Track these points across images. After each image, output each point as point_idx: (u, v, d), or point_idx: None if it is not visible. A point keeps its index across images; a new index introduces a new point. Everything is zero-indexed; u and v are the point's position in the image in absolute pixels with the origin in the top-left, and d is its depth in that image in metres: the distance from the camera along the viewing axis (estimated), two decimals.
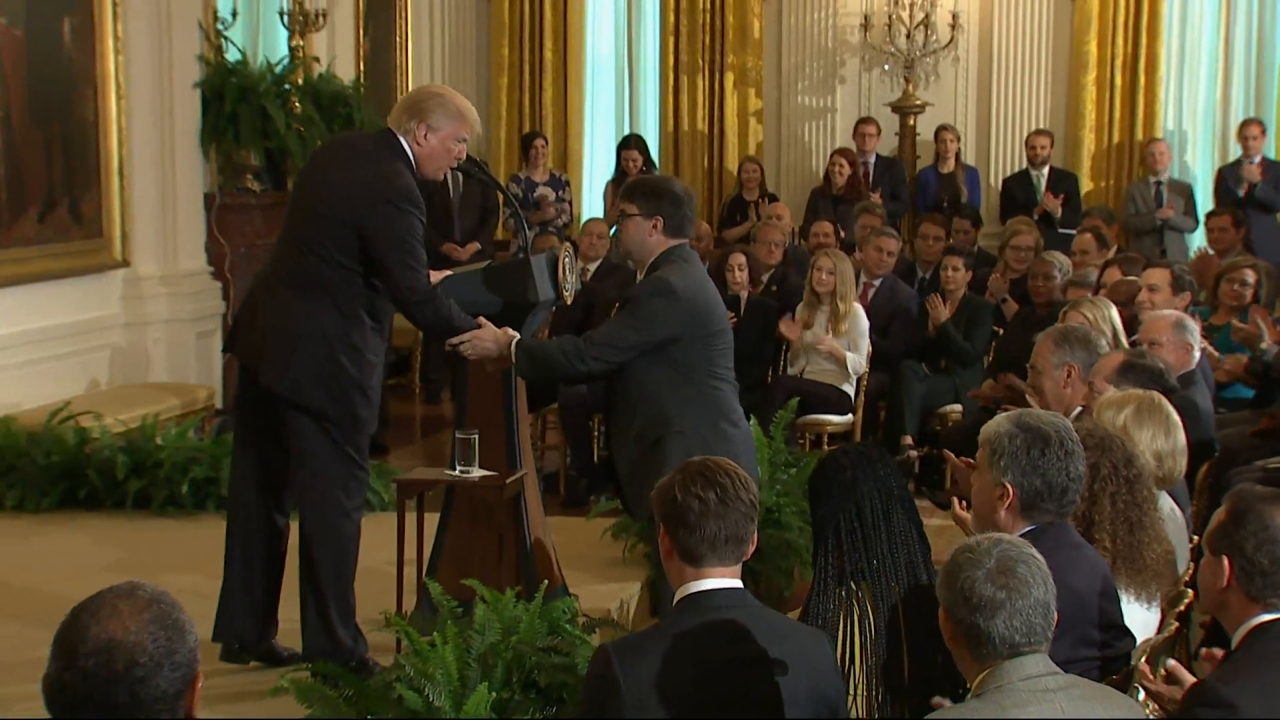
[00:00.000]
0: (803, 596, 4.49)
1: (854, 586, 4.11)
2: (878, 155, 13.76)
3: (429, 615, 5.74)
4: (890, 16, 14.42)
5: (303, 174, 6.23)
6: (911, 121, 14.41)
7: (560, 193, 13.11)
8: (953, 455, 5.22)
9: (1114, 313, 7.45)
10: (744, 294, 10.10)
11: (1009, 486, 4.18)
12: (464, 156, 6.10)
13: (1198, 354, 7.01)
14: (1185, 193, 13.46)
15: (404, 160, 5.90)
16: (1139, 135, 14.21)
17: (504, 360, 5.89)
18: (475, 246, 12.04)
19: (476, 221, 12.33)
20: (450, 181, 12.11)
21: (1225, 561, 3.73)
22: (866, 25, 14.52)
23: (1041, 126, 14.09)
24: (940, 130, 13.90)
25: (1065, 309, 7.71)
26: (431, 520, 6.39)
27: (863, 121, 13.92)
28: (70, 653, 2.67)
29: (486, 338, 5.88)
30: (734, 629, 3.67)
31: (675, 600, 3.76)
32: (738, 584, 3.76)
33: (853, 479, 4.21)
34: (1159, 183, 13.36)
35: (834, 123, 14.78)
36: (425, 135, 5.91)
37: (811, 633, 3.84)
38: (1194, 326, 7.09)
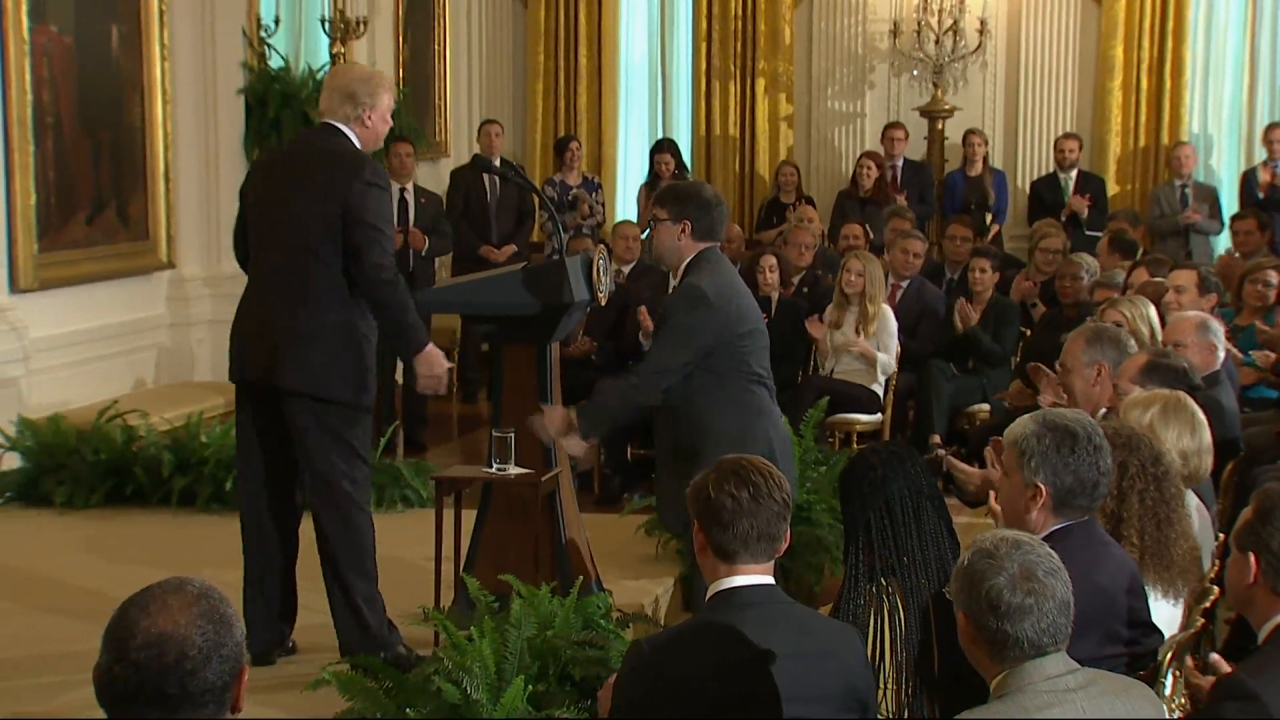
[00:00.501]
0: (833, 593, 4.48)
1: (884, 583, 4.08)
2: (905, 159, 13.83)
3: (466, 610, 5.84)
4: (919, 22, 14.52)
5: (261, 192, 6.30)
6: (940, 126, 14.48)
7: (594, 195, 13.20)
8: (955, 461, 5.19)
9: (1152, 311, 7.43)
10: (775, 295, 10.16)
11: (1042, 486, 4.14)
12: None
13: (1222, 354, 6.99)
14: (1210, 196, 13.48)
15: (355, 144, 6.20)
16: (1164, 139, 14.26)
17: (573, 431, 5.95)
18: (512, 248, 12.14)
19: (513, 224, 12.43)
20: (488, 185, 12.27)
21: (1252, 558, 3.74)
22: (896, 31, 14.62)
23: (1069, 130, 14.15)
24: (968, 134, 13.94)
25: (1103, 307, 7.72)
26: (469, 517, 6.48)
27: (891, 126, 13.99)
28: (121, 646, 2.68)
29: (553, 421, 5.96)
30: (765, 624, 3.68)
31: (708, 596, 3.77)
32: (769, 580, 3.77)
33: (883, 477, 4.19)
34: (1184, 186, 13.39)
35: (863, 127, 14.86)
36: (369, 116, 6.20)
37: (842, 628, 3.85)
38: (1218, 327, 7.04)
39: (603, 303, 6.79)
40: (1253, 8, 14.20)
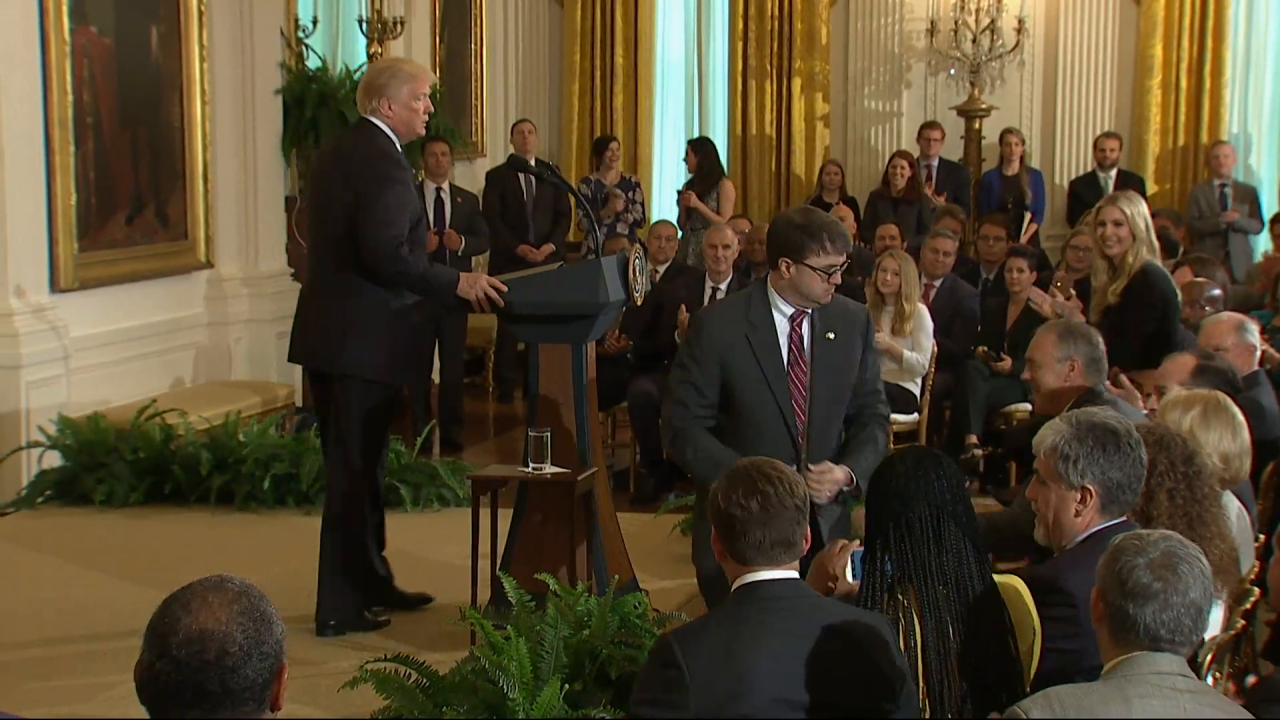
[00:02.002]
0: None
1: (900, 595, 4.00)
2: (941, 159, 13.81)
3: (503, 609, 5.83)
4: (956, 21, 14.50)
5: (307, 189, 6.84)
6: (977, 125, 14.45)
7: (631, 194, 13.22)
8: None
9: (1144, 207, 7.58)
10: None
11: (1091, 487, 4.13)
12: (430, 109, 6.71)
13: (1259, 355, 7.01)
14: (1250, 196, 13.43)
15: (383, 136, 6.53)
16: (1204, 138, 14.17)
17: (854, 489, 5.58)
18: (550, 248, 12.16)
19: (550, 223, 12.45)
20: (524, 184, 12.29)
21: None
22: (932, 30, 14.60)
23: (1108, 129, 14.10)
24: (1005, 133, 13.90)
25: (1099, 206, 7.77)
26: (505, 516, 6.48)
27: (928, 125, 13.95)
28: (162, 643, 2.70)
29: (838, 479, 5.51)
30: (788, 615, 3.68)
31: (732, 589, 3.77)
32: (793, 574, 3.77)
33: (905, 489, 4.07)
34: (1223, 185, 13.35)
35: (900, 127, 14.84)
36: (389, 107, 6.52)
37: (868, 616, 3.81)
38: (1254, 328, 7.07)
39: (638, 302, 6.81)
40: None
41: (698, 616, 4.14)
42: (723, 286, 9.75)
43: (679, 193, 13.26)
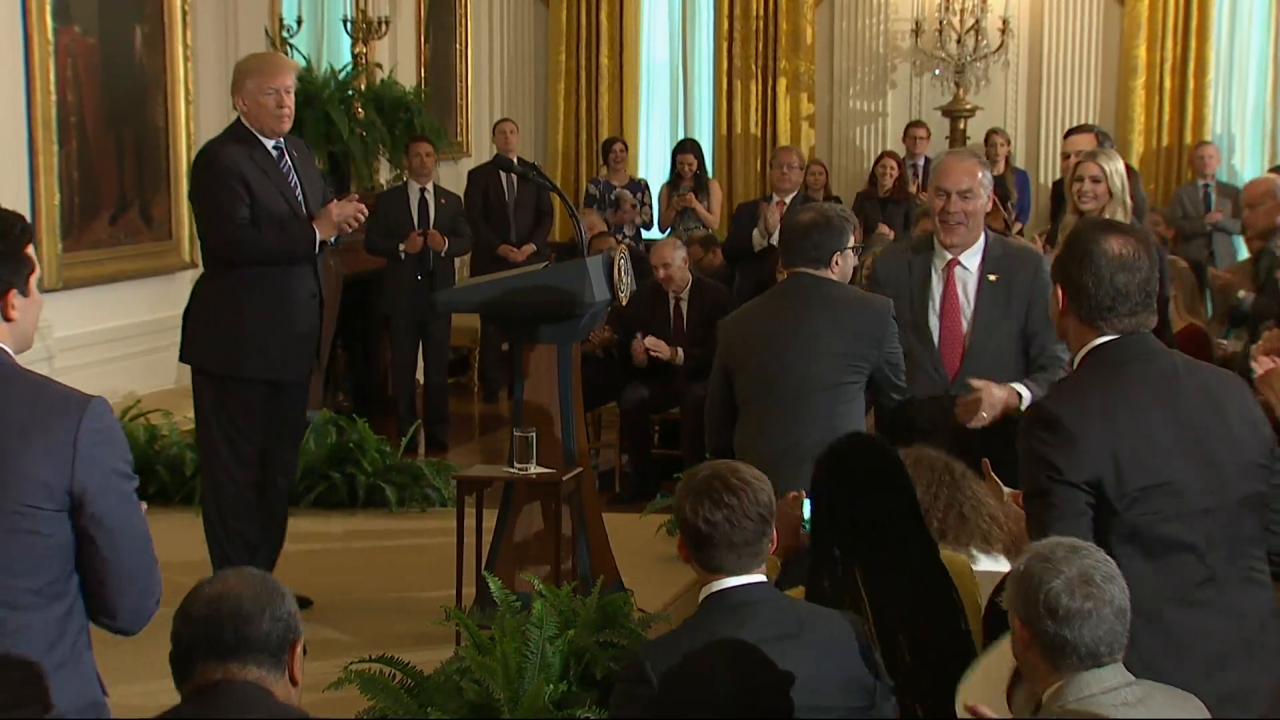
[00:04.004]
0: None
1: (841, 574, 4.02)
2: (927, 158, 13.83)
3: (488, 609, 5.83)
4: (941, 22, 14.52)
5: None
6: (962, 125, 14.48)
7: (639, 196, 13.22)
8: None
9: (1121, 166, 7.45)
10: None
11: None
12: (287, 104, 6.76)
13: None
14: (1234, 196, 13.43)
15: (236, 134, 6.73)
16: (1188, 139, 14.21)
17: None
18: (531, 248, 12.16)
19: (532, 223, 12.46)
20: (505, 184, 12.29)
21: (1059, 290, 3.83)
22: (917, 31, 14.62)
23: (1103, 131, 14.09)
24: (990, 134, 13.92)
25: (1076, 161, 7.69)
26: (490, 516, 6.50)
27: (913, 125, 14.00)
28: (186, 614, 2.95)
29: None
30: (759, 621, 3.66)
31: (700, 599, 3.74)
32: (761, 578, 3.73)
33: (852, 478, 4.10)
34: (1207, 186, 13.37)
35: (885, 127, 14.86)
36: (241, 103, 6.73)
37: (837, 616, 3.79)
38: None
39: (623, 302, 6.81)
40: (1277, 7, 14.16)
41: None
42: (684, 295, 9.80)
43: (664, 187, 13.28)
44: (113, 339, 9.51)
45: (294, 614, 2.99)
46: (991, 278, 5.72)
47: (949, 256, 5.74)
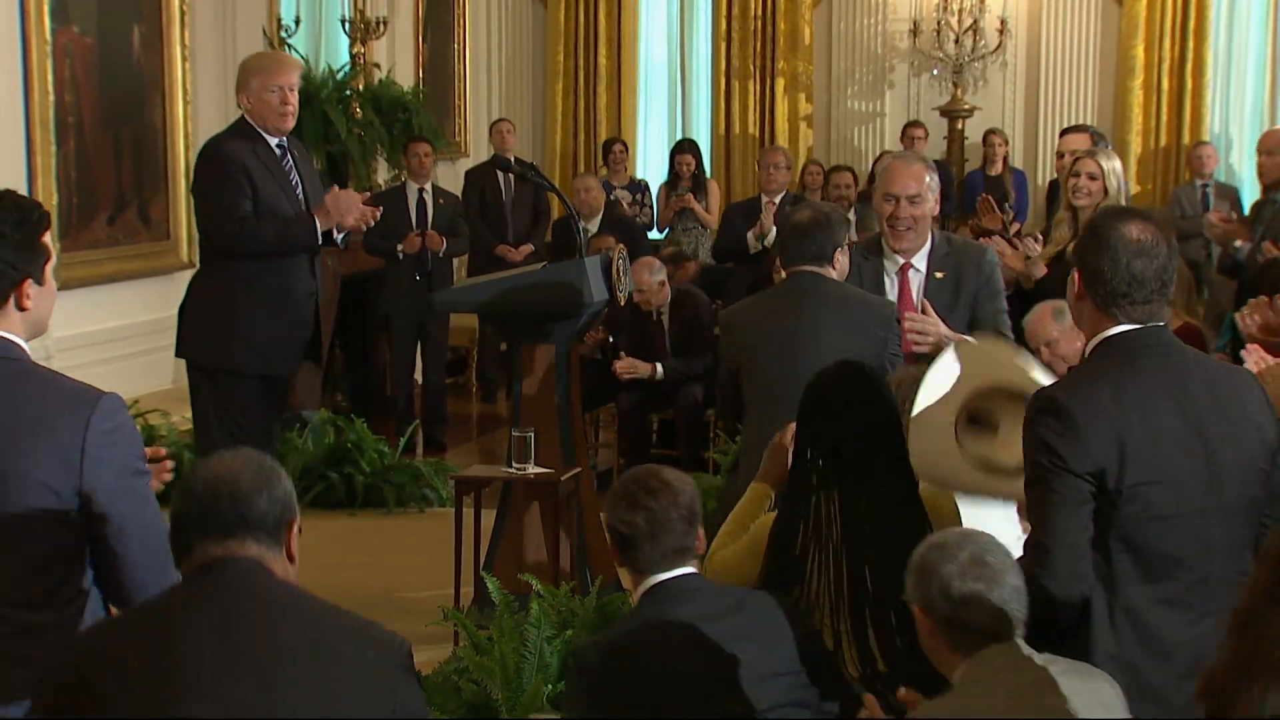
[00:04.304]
0: None
1: (819, 500, 4.06)
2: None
3: (486, 609, 5.85)
4: (939, 22, 14.52)
5: None
6: (960, 125, 14.48)
7: (639, 196, 13.22)
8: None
9: (1119, 165, 7.44)
10: None
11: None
12: (291, 102, 6.81)
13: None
14: (1232, 196, 13.43)
15: (240, 130, 6.80)
16: (1185, 139, 14.21)
17: None
18: (529, 248, 12.16)
19: (529, 223, 12.46)
20: (503, 184, 12.29)
21: (1076, 275, 3.84)
22: (915, 31, 14.62)
23: (1098, 131, 14.10)
24: (989, 134, 13.93)
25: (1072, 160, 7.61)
26: (488, 516, 6.50)
27: (911, 125, 13.97)
28: (185, 492, 2.98)
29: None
30: (696, 603, 3.74)
31: (637, 596, 3.82)
32: (691, 570, 3.80)
33: (836, 413, 4.13)
34: (1205, 186, 13.36)
35: (883, 127, 14.86)
36: (245, 101, 6.79)
37: (765, 598, 3.87)
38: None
39: (622, 302, 6.82)
40: (1275, 7, 14.15)
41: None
42: (665, 306, 9.83)
43: (662, 187, 13.28)
44: (111, 339, 9.51)
45: (290, 494, 3.04)
46: (939, 275, 5.78)
47: (901, 261, 5.82)
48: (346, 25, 11.74)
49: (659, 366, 9.51)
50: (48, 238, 3.50)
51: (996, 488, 4.33)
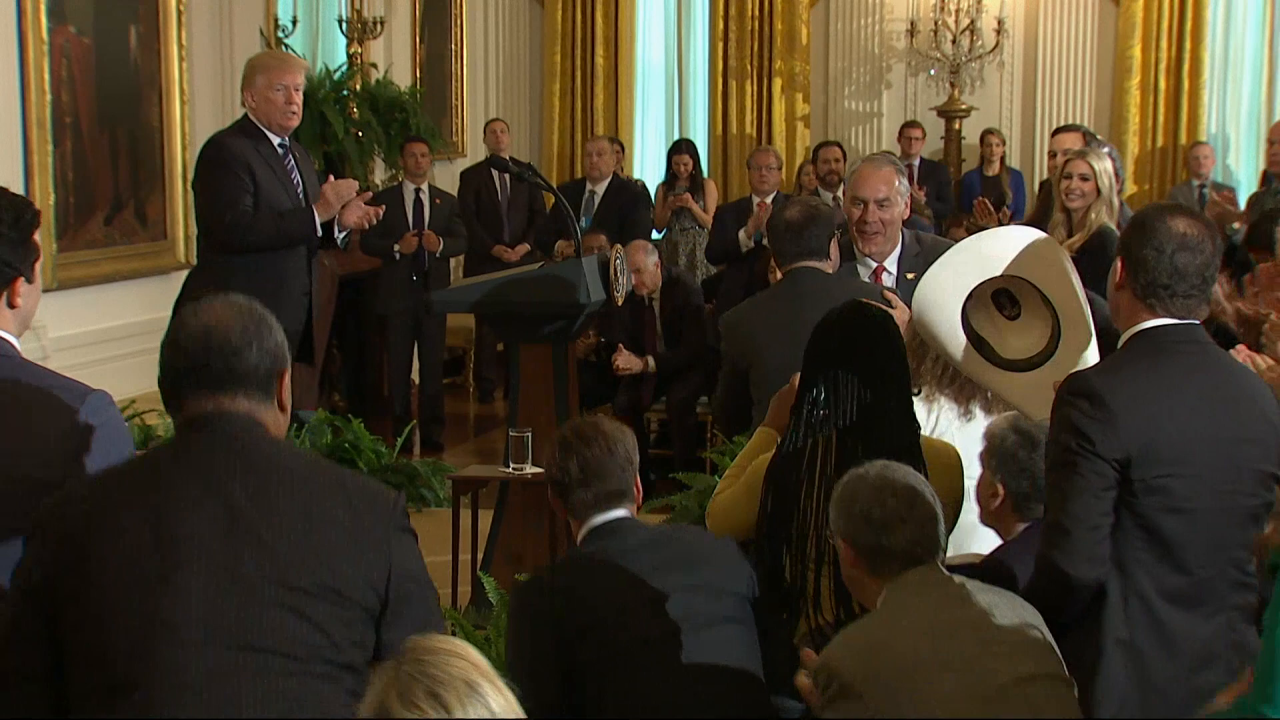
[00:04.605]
0: None
1: (817, 442, 4.11)
2: (922, 158, 13.85)
3: (483, 610, 5.87)
4: (936, 22, 14.53)
5: None
6: (957, 125, 14.49)
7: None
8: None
9: (1110, 165, 7.44)
10: None
11: (999, 486, 4.23)
12: (296, 102, 6.88)
13: None
14: (1229, 195, 13.46)
15: (244, 128, 6.86)
16: (1183, 139, 14.23)
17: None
18: (525, 248, 12.16)
19: (525, 223, 12.46)
20: (499, 184, 12.29)
21: (1119, 263, 3.87)
22: (912, 31, 14.63)
23: (1090, 131, 14.12)
24: (986, 134, 13.94)
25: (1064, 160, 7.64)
26: (486, 516, 6.52)
27: (908, 125, 13.98)
28: (174, 342, 2.99)
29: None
30: (632, 537, 3.90)
31: (580, 537, 3.96)
32: (624, 513, 3.95)
33: (843, 354, 4.16)
34: (1202, 186, 13.37)
35: (880, 127, 14.87)
36: (250, 99, 6.84)
37: (698, 531, 4.11)
38: None
39: (619, 302, 6.82)
40: (1271, 8, 14.17)
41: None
42: (655, 294, 9.85)
43: (659, 186, 13.28)
44: (108, 339, 9.49)
45: (281, 344, 3.03)
46: (910, 276, 5.78)
47: (874, 265, 5.86)
48: (343, 25, 11.74)
49: (650, 360, 9.53)
50: (38, 236, 3.51)
51: (975, 367, 4.36)
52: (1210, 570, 3.72)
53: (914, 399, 4.30)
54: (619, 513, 3.94)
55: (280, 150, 6.84)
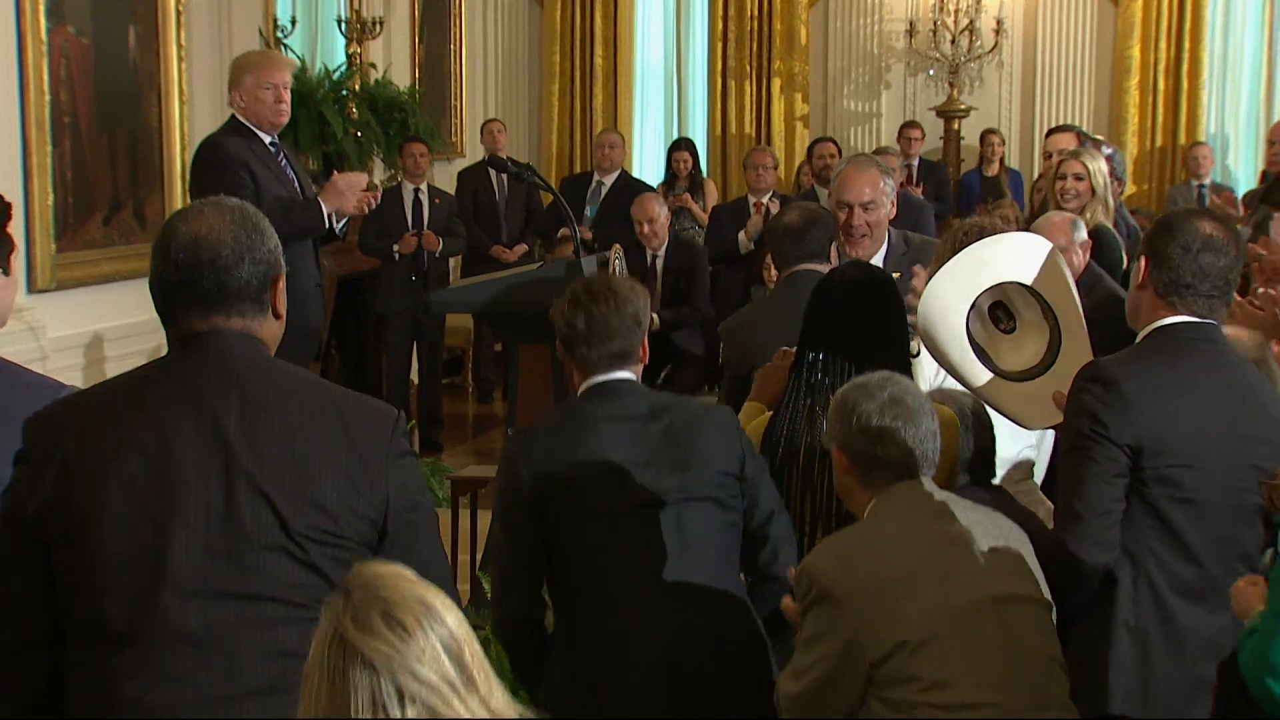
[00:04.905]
0: None
1: (814, 402, 4.17)
2: (921, 158, 13.86)
3: (482, 609, 5.83)
4: (935, 22, 14.54)
5: None
6: (956, 126, 14.51)
7: None
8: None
9: (1104, 165, 7.42)
10: None
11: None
12: (285, 100, 6.91)
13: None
14: (1228, 196, 13.46)
15: (235, 128, 6.87)
16: (1181, 139, 14.25)
17: None
18: (523, 248, 12.18)
19: (523, 223, 12.46)
20: (496, 184, 12.30)
21: (1143, 261, 3.92)
22: (911, 31, 14.64)
23: (1085, 131, 14.13)
24: (986, 134, 13.96)
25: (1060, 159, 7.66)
26: (484, 517, 6.47)
27: (907, 125, 14.00)
28: (164, 251, 2.94)
29: None
30: (627, 401, 3.94)
31: (579, 392, 4.01)
32: (630, 376, 3.99)
33: (844, 317, 4.23)
34: (1201, 186, 13.38)
35: (879, 127, 14.88)
36: (239, 99, 6.87)
37: (708, 403, 4.09)
38: (1083, 226, 6.64)
39: None
40: (1270, 8, 14.19)
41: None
42: (661, 252, 9.98)
43: (660, 186, 13.28)
44: (107, 339, 9.50)
45: (274, 250, 2.97)
46: (896, 275, 5.78)
47: None
48: (343, 25, 11.74)
49: (655, 317, 9.57)
50: (10, 228, 3.51)
51: (974, 375, 4.39)
52: (1219, 564, 3.75)
53: (911, 361, 4.39)
54: (620, 374, 3.97)
55: (272, 149, 6.86)
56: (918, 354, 4.51)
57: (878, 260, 5.88)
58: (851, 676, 3.40)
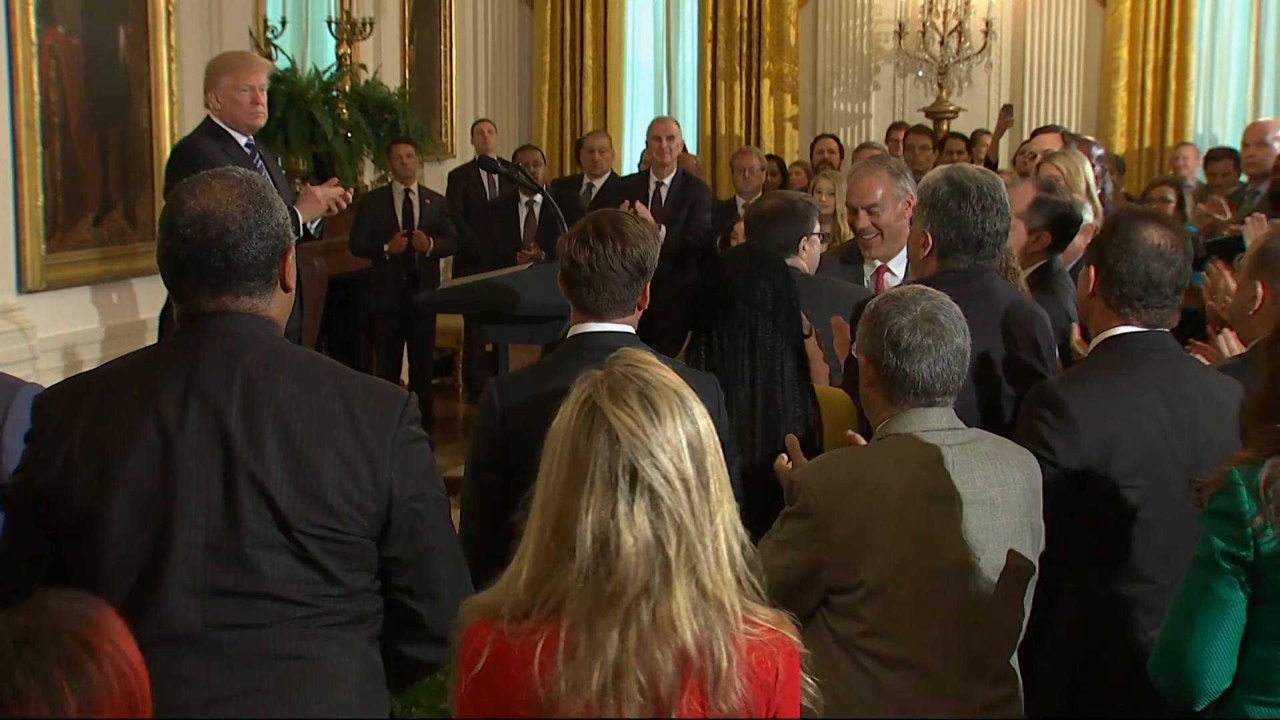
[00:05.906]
0: None
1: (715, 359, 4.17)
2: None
3: None
4: (924, 24, 14.58)
5: None
6: (945, 126, 14.52)
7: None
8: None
9: (1087, 166, 7.35)
10: None
11: (928, 235, 4.47)
12: (262, 101, 6.97)
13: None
14: (1216, 205, 13.46)
15: (209, 130, 6.90)
16: (1169, 140, 14.28)
17: None
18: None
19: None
20: (487, 185, 12.29)
21: (1092, 270, 3.94)
22: (901, 32, 14.68)
23: (1073, 132, 14.16)
24: (976, 134, 13.99)
25: (1039, 161, 7.63)
26: None
27: (896, 127, 14.01)
28: (171, 224, 2.89)
29: None
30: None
31: (568, 336, 3.93)
32: (627, 329, 3.90)
33: (728, 299, 4.20)
34: (1188, 187, 13.40)
35: (868, 128, 14.92)
36: (215, 100, 6.94)
37: (696, 374, 3.94)
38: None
39: None
40: (1257, 10, 14.23)
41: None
42: (666, 181, 10.12)
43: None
44: (96, 340, 9.49)
45: (282, 223, 2.96)
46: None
47: (878, 264, 5.86)
48: (333, 26, 11.75)
49: (662, 228, 9.68)
50: None
51: None
52: (1168, 579, 3.74)
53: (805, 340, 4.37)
54: (618, 327, 3.88)
55: (248, 150, 6.87)
56: (809, 334, 4.50)
57: (897, 260, 5.84)
58: (808, 589, 3.44)
